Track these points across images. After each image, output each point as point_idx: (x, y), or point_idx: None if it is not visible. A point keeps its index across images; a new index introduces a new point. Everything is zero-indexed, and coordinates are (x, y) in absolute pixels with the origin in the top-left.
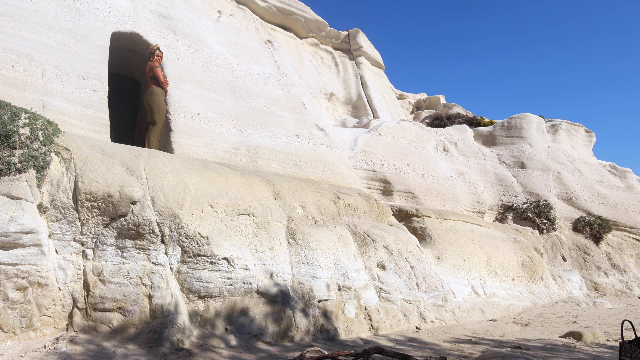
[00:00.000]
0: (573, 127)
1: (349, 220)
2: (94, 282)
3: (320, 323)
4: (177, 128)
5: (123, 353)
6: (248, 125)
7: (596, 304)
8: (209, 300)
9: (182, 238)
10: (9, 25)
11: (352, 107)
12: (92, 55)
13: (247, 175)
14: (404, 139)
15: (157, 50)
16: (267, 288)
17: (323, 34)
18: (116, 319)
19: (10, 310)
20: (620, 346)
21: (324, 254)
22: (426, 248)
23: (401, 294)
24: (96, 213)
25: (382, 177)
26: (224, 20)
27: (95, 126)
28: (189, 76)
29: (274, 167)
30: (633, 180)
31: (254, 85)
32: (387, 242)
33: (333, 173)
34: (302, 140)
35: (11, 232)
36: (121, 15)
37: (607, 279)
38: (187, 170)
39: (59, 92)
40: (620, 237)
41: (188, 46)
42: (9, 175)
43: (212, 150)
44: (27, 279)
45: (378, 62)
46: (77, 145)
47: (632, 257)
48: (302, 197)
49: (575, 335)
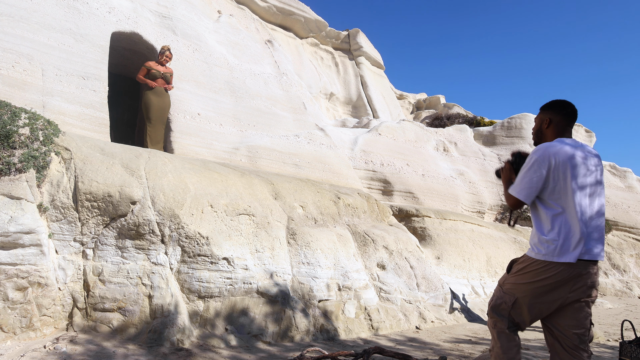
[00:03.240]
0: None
1: (349, 220)
2: (94, 282)
3: (320, 323)
4: (177, 128)
5: (123, 353)
6: (248, 125)
7: (596, 304)
8: (209, 300)
9: (182, 238)
10: (9, 25)
11: (352, 107)
12: (92, 55)
13: (247, 175)
14: (404, 139)
15: (167, 51)
16: (267, 288)
17: (323, 34)
18: (116, 319)
19: (10, 310)
20: (620, 346)
21: (324, 254)
22: (426, 248)
23: (401, 294)
24: (96, 213)
25: (382, 177)
26: (224, 20)
27: (95, 126)
28: (189, 76)
29: (274, 167)
30: (633, 180)
31: (254, 85)
32: (387, 242)
33: (333, 173)
34: (302, 140)
35: (11, 232)
36: (121, 15)
37: (607, 279)
38: (187, 170)
39: (59, 92)
40: (620, 237)
41: (188, 46)
42: (9, 175)
43: (212, 150)
44: (27, 279)
45: (378, 62)
46: (77, 145)
47: (632, 257)
48: (302, 197)
49: None
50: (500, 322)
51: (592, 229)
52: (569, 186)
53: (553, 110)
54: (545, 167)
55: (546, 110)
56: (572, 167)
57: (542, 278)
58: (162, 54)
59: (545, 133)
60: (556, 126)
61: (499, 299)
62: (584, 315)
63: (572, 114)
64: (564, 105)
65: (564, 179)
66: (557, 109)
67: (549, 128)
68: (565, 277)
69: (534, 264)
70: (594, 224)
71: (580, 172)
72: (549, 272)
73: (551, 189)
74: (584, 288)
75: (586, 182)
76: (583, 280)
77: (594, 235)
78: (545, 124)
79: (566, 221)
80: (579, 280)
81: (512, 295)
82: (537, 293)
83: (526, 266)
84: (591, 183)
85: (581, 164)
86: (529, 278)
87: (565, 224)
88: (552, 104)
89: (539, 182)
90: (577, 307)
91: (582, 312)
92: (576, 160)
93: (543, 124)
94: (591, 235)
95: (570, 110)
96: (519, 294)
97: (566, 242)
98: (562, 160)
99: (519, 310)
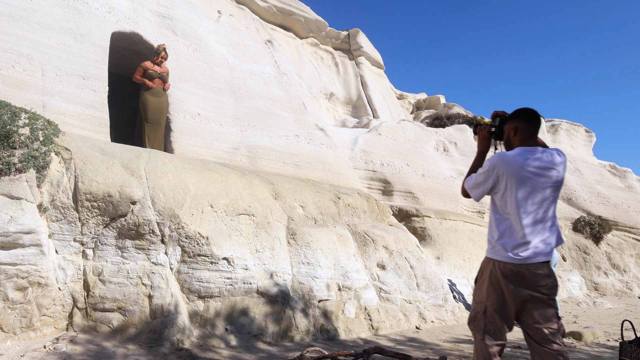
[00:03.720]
0: (573, 127)
1: (349, 220)
2: (94, 282)
3: (320, 323)
4: (177, 128)
5: (123, 353)
6: (248, 125)
7: (596, 304)
8: (209, 300)
9: (182, 238)
10: (9, 25)
11: (352, 107)
12: (92, 55)
13: (247, 175)
14: (404, 139)
15: (162, 51)
16: (267, 288)
17: (323, 34)
18: (116, 319)
19: (10, 310)
20: (620, 346)
21: (324, 254)
22: (426, 248)
23: (401, 294)
24: (96, 213)
25: (382, 177)
26: (224, 20)
27: (95, 126)
28: (189, 76)
29: (274, 167)
30: (633, 180)
31: (254, 85)
32: (387, 242)
33: (333, 173)
34: (302, 140)
35: (11, 232)
36: (121, 15)
37: (607, 279)
38: (187, 170)
39: (59, 92)
40: (620, 237)
41: (188, 46)
42: (9, 175)
43: (212, 150)
44: (27, 279)
45: (378, 62)
46: (77, 145)
47: (632, 257)
48: (302, 197)
49: (575, 335)
50: (478, 333)
51: (537, 232)
52: (514, 193)
53: (518, 118)
54: (493, 175)
55: (512, 120)
56: (519, 177)
57: (494, 280)
58: (158, 54)
59: (513, 141)
60: (522, 133)
61: (473, 310)
62: (543, 311)
63: (536, 121)
64: (527, 113)
65: (511, 187)
66: (521, 117)
67: (516, 136)
68: (511, 276)
69: (486, 266)
70: (539, 227)
71: (528, 180)
72: (497, 272)
73: (500, 195)
74: (534, 286)
75: (535, 188)
76: (530, 279)
77: (539, 238)
78: (512, 133)
79: (511, 226)
80: (523, 279)
81: (482, 304)
82: (497, 295)
83: (482, 270)
84: (541, 188)
85: (531, 173)
86: (486, 283)
87: (510, 228)
88: (517, 113)
89: (487, 188)
90: (535, 305)
91: (540, 309)
92: (525, 169)
93: (510, 133)
94: (536, 238)
95: (533, 117)
96: (487, 302)
97: (509, 244)
98: (510, 169)
99: (491, 318)
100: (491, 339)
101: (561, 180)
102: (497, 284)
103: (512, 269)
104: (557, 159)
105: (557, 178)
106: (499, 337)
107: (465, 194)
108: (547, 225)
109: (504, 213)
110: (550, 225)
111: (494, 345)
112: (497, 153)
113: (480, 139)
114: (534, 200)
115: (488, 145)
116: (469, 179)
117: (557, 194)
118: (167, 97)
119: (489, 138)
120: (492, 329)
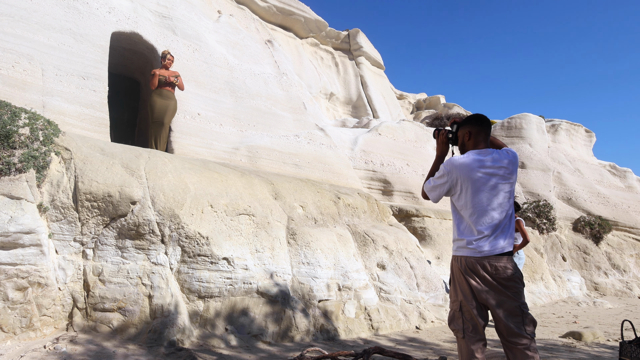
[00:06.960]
0: (573, 127)
1: (349, 220)
2: (94, 282)
3: (320, 323)
4: (177, 128)
5: (123, 353)
6: (248, 125)
7: (596, 304)
8: (209, 300)
9: (182, 238)
10: (9, 25)
11: (352, 107)
12: (92, 55)
13: (247, 175)
14: (404, 139)
15: (168, 54)
16: (267, 288)
17: (323, 34)
18: (116, 319)
19: (10, 310)
20: (620, 346)
21: (324, 254)
22: (426, 248)
23: (401, 294)
24: (96, 213)
25: (382, 177)
26: (224, 20)
27: (95, 126)
28: (189, 76)
29: (274, 167)
30: (633, 180)
31: (254, 85)
32: (387, 242)
33: (333, 173)
34: (302, 140)
35: (11, 232)
36: (121, 15)
37: (607, 279)
38: (187, 170)
39: (59, 92)
40: (620, 237)
41: (188, 46)
42: (9, 175)
43: (212, 150)
44: (27, 279)
45: (378, 62)
46: (77, 145)
47: (632, 257)
48: (302, 197)
49: (575, 335)
50: (459, 332)
51: (493, 227)
52: (469, 194)
53: (471, 123)
54: (448, 179)
55: (465, 125)
56: (472, 179)
57: (460, 276)
58: (164, 58)
59: (467, 145)
60: (475, 137)
61: (451, 310)
62: (507, 304)
63: (487, 125)
64: (478, 118)
65: (466, 188)
66: (473, 122)
67: (470, 140)
68: (474, 270)
69: (454, 264)
70: (496, 222)
71: (480, 180)
72: (462, 267)
73: (457, 197)
74: (496, 278)
75: (487, 187)
76: (491, 272)
77: (496, 232)
78: (467, 137)
79: (470, 224)
80: (486, 272)
81: (456, 302)
82: (466, 290)
83: (451, 269)
84: (493, 186)
85: (483, 173)
86: (455, 280)
87: (469, 226)
88: (469, 118)
89: (444, 191)
90: (499, 298)
91: (504, 302)
92: (477, 171)
93: (465, 137)
94: (494, 233)
95: (484, 122)
96: (459, 298)
97: (470, 241)
98: (462, 172)
99: (468, 315)
100: (471, 335)
101: (512, 177)
102: (463, 280)
103: (473, 263)
104: (507, 158)
105: (507, 175)
106: (478, 332)
107: (425, 196)
108: (503, 220)
109: (463, 213)
110: (506, 219)
111: (476, 342)
112: (449, 158)
113: (438, 143)
114: (489, 198)
115: (446, 150)
116: (428, 182)
117: (512, 190)
118: (175, 101)
119: (446, 143)
120: (471, 326)
